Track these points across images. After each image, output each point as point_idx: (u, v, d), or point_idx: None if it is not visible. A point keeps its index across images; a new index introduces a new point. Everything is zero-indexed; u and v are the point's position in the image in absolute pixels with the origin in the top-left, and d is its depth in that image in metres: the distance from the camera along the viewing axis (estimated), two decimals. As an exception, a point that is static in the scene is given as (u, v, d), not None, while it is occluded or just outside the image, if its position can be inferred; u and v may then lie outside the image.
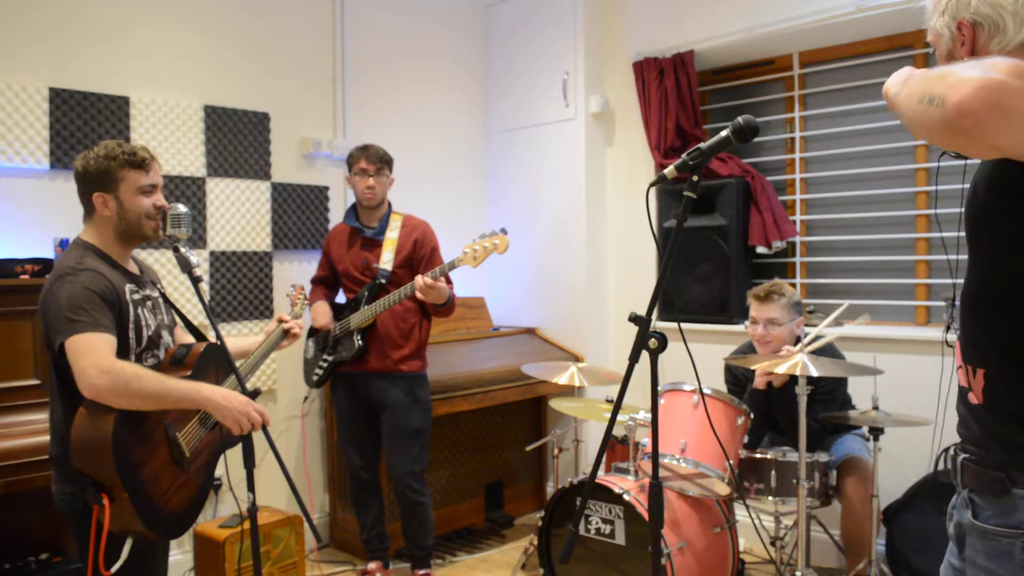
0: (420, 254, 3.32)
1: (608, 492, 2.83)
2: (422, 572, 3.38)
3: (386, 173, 3.35)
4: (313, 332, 3.45)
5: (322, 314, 3.36)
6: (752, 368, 3.01)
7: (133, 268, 2.17)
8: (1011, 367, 1.23)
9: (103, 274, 1.99)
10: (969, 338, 1.31)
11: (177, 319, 2.32)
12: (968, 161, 1.34)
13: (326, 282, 3.52)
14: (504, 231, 3.08)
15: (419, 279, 3.05)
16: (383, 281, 3.27)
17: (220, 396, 2.00)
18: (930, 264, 3.58)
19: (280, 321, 2.55)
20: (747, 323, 3.22)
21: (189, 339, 2.32)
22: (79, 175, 2.06)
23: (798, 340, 3.12)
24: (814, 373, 2.69)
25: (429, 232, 3.39)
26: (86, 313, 1.90)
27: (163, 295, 2.25)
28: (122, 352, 1.98)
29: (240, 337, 2.68)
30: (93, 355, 1.86)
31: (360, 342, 3.26)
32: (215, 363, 2.24)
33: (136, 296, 2.08)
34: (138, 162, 2.07)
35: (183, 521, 2.09)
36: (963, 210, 1.29)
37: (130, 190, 2.06)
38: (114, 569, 1.93)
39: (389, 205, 3.41)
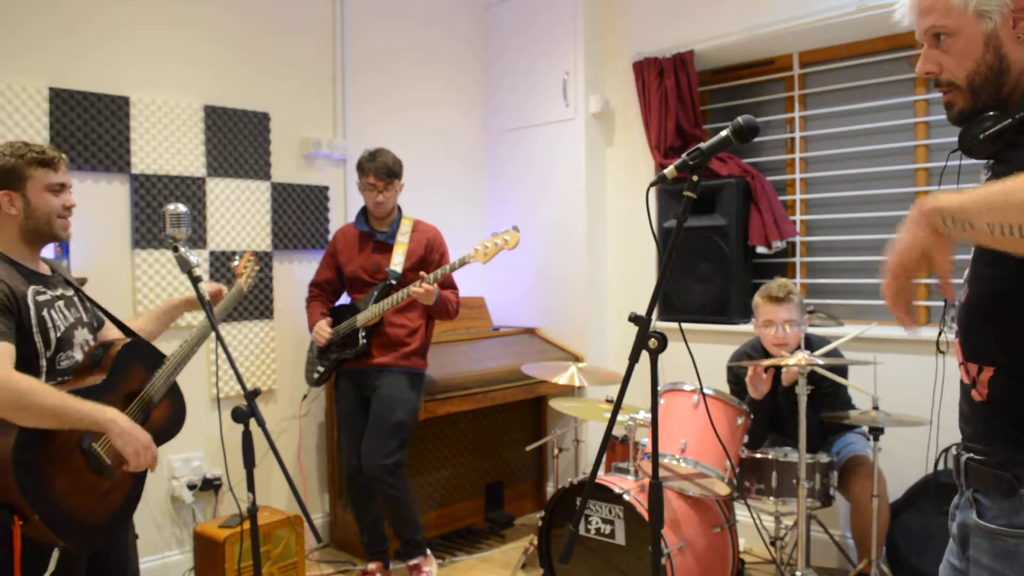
0: (431, 259, 3.40)
1: (608, 492, 2.83)
2: (412, 562, 3.37)
3: (395, 185, 3.38)
4: None
5: (322, 331, 3.36)
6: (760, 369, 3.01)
7: (44, 269, 2.12)
8: (1020, 366, 1.22)
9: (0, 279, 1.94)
10: (976, 336, 1.29)
11: (104, 318, 2.25)
12: (970, 161, 1.33)
13: (329, 287, 3.52)
14: (516, 228, 3.22)
15: (414, 288, 3.15)
16: (393, 283, 3.32)
17: (125, 423, 1.93)
18: (930, 264, 3.57)
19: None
20: (758, 326, 3.13)
21: (114, 335, 2.24)
22: None
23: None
24: (818, 363, 2.70)
25: (440, 238, 3.50)
26: None
27: (80, 293, 2.19)
28: (31, 356, 1.93)
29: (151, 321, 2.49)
30: None
31: (364, 340, 3.28)
32: (141, 360, 2.17)
33: (42, 297, 2.02)
34: (47, 160, 2.04)
35: (113, 527, 2.04)
36: None
37: (38, 188, 2.02)
38: None
39: (399, 209, 3.48)
